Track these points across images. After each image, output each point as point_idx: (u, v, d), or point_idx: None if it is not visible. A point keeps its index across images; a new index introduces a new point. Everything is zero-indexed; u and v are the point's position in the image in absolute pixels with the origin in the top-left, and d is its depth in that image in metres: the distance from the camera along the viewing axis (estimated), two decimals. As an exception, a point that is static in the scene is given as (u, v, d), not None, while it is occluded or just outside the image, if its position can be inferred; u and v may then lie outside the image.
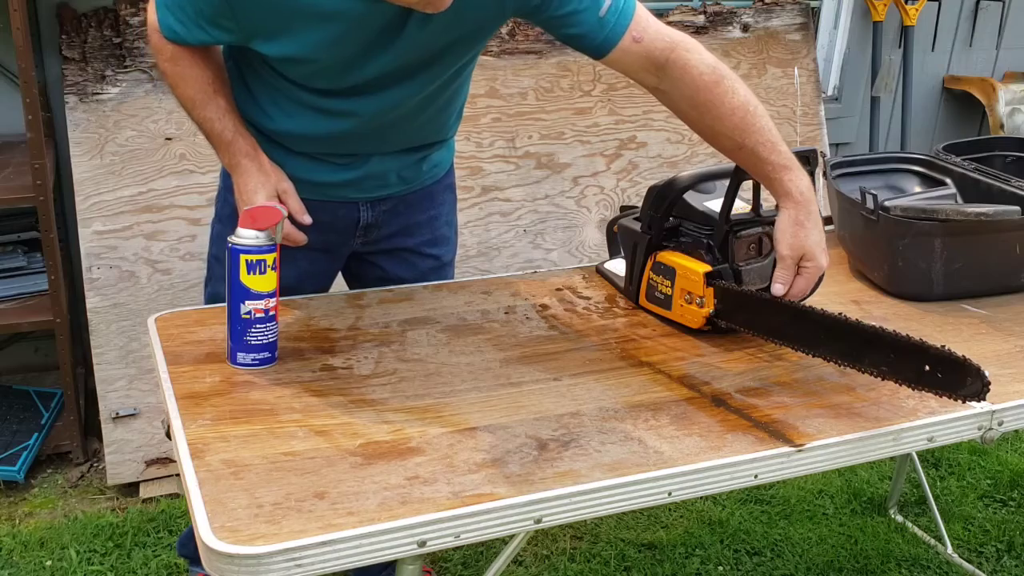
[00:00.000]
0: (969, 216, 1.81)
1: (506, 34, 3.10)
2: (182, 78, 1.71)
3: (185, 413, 1.37)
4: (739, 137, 1.61)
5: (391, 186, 1.90)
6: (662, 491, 1.29)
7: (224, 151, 1.74)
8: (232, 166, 1.75)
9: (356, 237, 1.93)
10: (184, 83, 1.71)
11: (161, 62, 1.72)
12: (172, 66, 1.70)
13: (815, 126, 3.55)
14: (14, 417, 2.83)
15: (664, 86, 1.65)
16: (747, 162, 1.63)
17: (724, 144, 1.64)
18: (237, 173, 1.75)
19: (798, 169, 1.61)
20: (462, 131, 3.04)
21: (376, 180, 1.88)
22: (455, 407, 1.43)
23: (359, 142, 1.81)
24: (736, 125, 1.61)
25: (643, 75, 1.66)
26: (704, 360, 1.61)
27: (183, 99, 1.73)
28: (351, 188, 1.87)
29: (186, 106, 1.74)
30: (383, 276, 1.98)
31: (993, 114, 4.05)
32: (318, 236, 1.80)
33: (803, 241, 1.60)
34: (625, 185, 3.28)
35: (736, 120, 1.61)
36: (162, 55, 1.71)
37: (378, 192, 1.91)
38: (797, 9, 3.53)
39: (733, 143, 1.62)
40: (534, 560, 2.48)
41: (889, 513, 2.75)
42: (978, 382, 1.32)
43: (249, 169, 1.74)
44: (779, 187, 1.61)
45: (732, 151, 1.64)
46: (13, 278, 2.78)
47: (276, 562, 1.10)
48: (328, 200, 1.85)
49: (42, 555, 2.43)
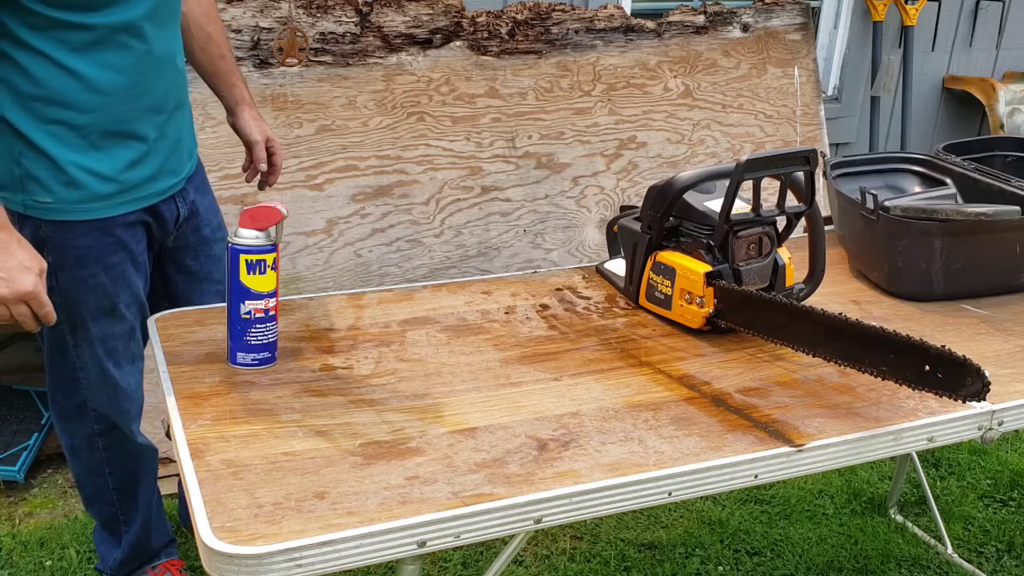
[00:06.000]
0: (969, 216, 1.81)
1: (506, 34, 3.11)
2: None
3: (185, 413, 1.37)
4: (225, 48, 2.03)
5: (189, 158, 1.93)
6: (662, 491, 1.29)
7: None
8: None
9: (168, 237, 1.91)
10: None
11: None
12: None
13: (815, 126, 3.55)
14: (14, 417, 2.83)
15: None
16: (225, 68, 2.02)
17: (212, 52, 2.00)
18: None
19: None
20: (462, 131, 3.05)
21: (178, 153, 1.88)
22: (455, 407, 1.43)
23: (150, 87, 1.74)
24: (225, 37, 2.04)
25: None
26: (704, 360, 1.61)
27: None
28: (167, 173, 1.83)
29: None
30: (192, 277, 1.99)
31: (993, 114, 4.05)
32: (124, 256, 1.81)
33: (267, 129, 2.07)
34: (625, 185, 3.28)
35: (223, 32, 2.04)
36: None
37: (183, 172, 1.91)
38: (797, 9, 3.54)
39: (220, 52, 2.01)
40: (534, 560, 2.48)
41: (889, 513, 2.75)
42: (978, 382, 1.32)
43: (8, 243, 1.59)
44: (241, 93, 2.04)
45: (216, 59, 2.01)
46: (13, 278, 2.78)
47: (276, 562, 1.10)
48: (143, 207, 1.82)
49: (42, 555, 2.43)
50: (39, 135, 1.68)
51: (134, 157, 1.77)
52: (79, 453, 2.06)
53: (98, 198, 1.76)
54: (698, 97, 3.38)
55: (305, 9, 2.83)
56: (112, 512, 2.15)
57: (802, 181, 1.69)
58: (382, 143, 2.96)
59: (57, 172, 1.71)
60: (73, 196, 1.73)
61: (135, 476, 2.11)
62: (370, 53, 2.94)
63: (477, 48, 3.07)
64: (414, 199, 3.00)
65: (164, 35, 1.76)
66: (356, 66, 2.92)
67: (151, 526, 2.19)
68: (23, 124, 1.67)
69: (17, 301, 1.61)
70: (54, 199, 1.72)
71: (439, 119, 3.02)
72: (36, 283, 1.61)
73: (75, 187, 1.73)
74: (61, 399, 2.00)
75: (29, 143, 1.68)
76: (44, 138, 1.68)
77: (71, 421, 2.02)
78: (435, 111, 3.01)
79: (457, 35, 3.04)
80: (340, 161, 2.89)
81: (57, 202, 1.72)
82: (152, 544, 2.21)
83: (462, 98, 3.04)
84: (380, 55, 2.95)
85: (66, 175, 1.71)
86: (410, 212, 3.00)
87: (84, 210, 1.75)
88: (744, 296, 1.61)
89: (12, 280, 1.59)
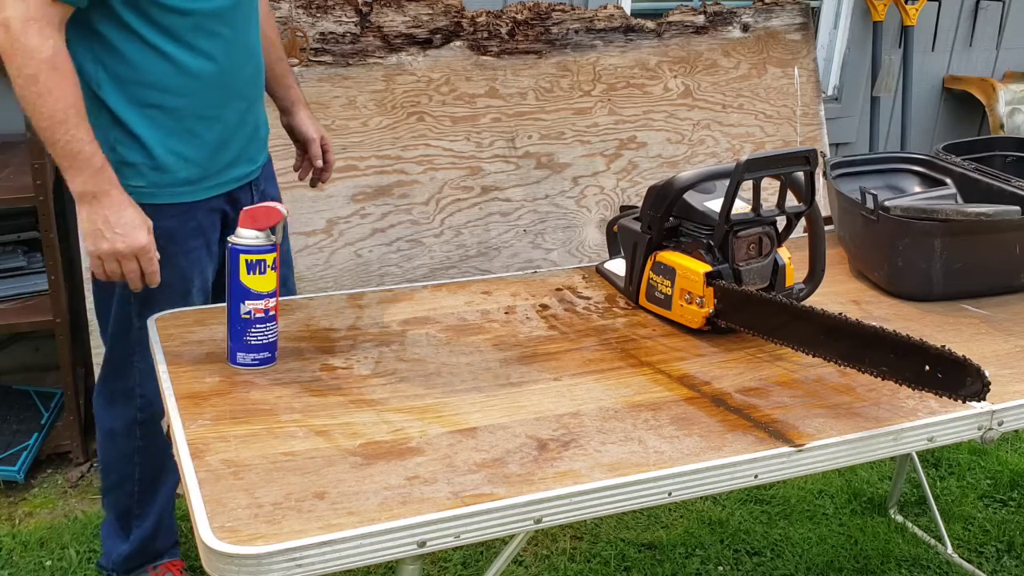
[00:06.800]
0: (969, 216, 1.81)
1: (506, 34, 3.11)
2: (58, 88, 1.59)
3: (185, 413, 1.37)
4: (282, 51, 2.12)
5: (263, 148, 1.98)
6: (662, 491, 1.29)
7: (93, 177, 1.66)
8: (95, 194, 1.67)
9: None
10: (60, 93, 1.59)
11: (32, 67, 1.57)
12: (47, 71, 1.57)
13: (815, 126, 3.55)
14: (14, 417, 2.83)
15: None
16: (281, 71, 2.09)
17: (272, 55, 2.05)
18: (105, 203, 1.67)
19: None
20: (462, 131, 3.05)
21: (255, 142, 1.94)
22: (455, 407, 1.43)
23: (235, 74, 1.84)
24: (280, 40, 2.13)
25: None
26: (704, 360, 1.61)
27: (48, 113, 1.60)
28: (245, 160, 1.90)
29: (50, 120, 1.61)
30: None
31: (993, 114, 4.05)
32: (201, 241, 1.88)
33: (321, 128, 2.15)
34: (625, 185, 3.28)
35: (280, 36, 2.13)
36: (37, 57, 1.57)
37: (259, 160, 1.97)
38: (797, 9, 3.54)
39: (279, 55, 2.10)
40: (534, 560, 2.48)
41: (889, 513, 2.75)
42: (978, 382, 1.32)
43: (122, 200, 1.69)
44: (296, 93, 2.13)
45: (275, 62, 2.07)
46: (13, 278, 2.78)
47: (276, 562, 1.10)
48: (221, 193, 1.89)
49: (42, 555, 2.43)
50: (134, 118, 1.75)
51: (218, 143, 1.86)
52: (116, 439, 2.08)
53: (185, 182, 1.84)
54: (698, 97, 3.38)
55: (305, 9, 2.84)
56: (129, 504, 2.16)
57: (802, 181, 1.69)
58: (382, 143, 2.96)
59: (148, 156, 1.79)
60: (162, 180, 1.81)
61: (160, 471, 2.12)
62: (370, 53, 2.94)
63: (477, 48, 3.07)
64: (414, 199, 3.00)
65: (248, 26, 1.87)
66: (356, 66, 2.92)
67: (162, 525, 2.19)
68: (120, 107, 1.74)
69: (131, 256, 1.71)
70: (146, 183, 1.79)
71: (439, 119, 3.02)
72: (149, 239, 1.72)
73: (164, 171, 1.81)
74: (112, 381, 2.02)
75: (125, 128, 1.76)
76: (138, 121, 1.75)
77: (116, 405, 2.04)
78: (435, 111, 3.01)
79: (457, 35, 3.04)
80: (340, 161, 2.89)
81: (148, 186, 1.79)
82: (158, 544, 2.22)
83: (462, 98, 3.04)
84: (380, 55, 2.95)
85: (157, 159, 1.79)
86: (410, 212, 3.00)
87: (171, 194, 1.83)
88: (744, 296, 1.61)
89: (127, 235, 1.69)
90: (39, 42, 1.57)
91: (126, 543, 2.20)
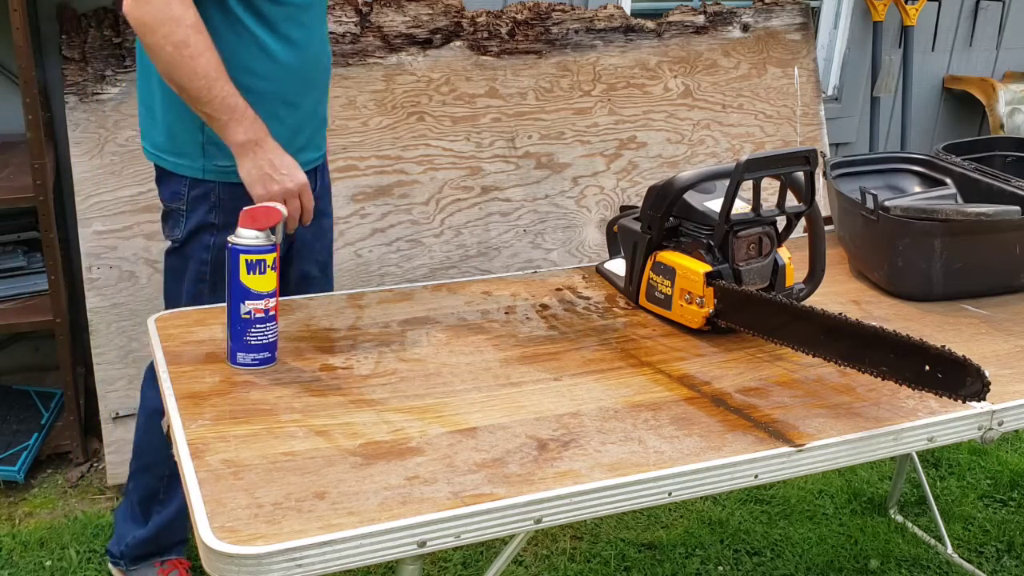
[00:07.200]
0: (969, 216, 1.81)
1: (506, 34, 3.11)
2: (208, 49, 1.70)
3: (185, 413, 1.37)
4: None
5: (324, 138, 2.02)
6: (662, 491, 1.29)
7: (252, 126, 1.76)
8: (256, 142, 1.76)
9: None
10: (210, 53, 1.70)
11: (181, 33, 1.68)
12: (195, 34, 1.69)
13: (815, 126, 3.55)
14: (14, 417, 2.83)
15: None
16: None
17: None
18: (267, 148, 1.77)
19: None
20: (462, 131, 3.05)
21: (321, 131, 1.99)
22: (455, 407, 1.43)
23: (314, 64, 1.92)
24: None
25: None
26: (704, 360, 1.61)
27: (203, 72, 1.70)
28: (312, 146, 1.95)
29: (206, 79, 1.71)
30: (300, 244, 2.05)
31: (993, 114, 4.05)
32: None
33: None
34: (625, 185, 3.28)
35: None
36: (183, 23, 1.68)
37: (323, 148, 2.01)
38: (797, 9, 3.54)
39: None
40: (534, 560, 2.48)
41: (889, 513, 2.75)
42: (978, 382, 1.32)
43: (277, 145, 1.79)
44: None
45: None
46: (13, 278, 2.78)
47: (276, 562, 1.10)
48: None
49: (42, 555, 2.43)
50: None
51: (295, 127, 1.93)
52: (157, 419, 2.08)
53: None
54: (698, 97, 3.38)
55: (305, 9, 2.83)
56: (156, 488, 2.16)
57: (802, 181, 1.69)
58: (382, 143, 2.96)
59: None
60: None
61: None
62: (370, 53, 2.94)
63: (477, 48, 3.07)
64: (414, 199, 3.00)
65: (323, 21, 1.98)
66: (356, 66, 2.92)
67: (180, 516, 2.20)
68: None
69: (295, 194, 1.80)
70: (231, 162, 1.82)
71: (439, 119, 3.02)
72: (307, 177, 1.83)
73: None
74: None
75: None
76: None
77: None
78: (435, 111, 3.01)
79: (457, 35, 3.04)
80: (340, 161, 2.89)
81: (234, 165, 1.82)
82: (173, 535, 2.23)
83: (462, 98, 3.04)
84: (380, 55, 2.95)
85: None
86: (410, 212, 2.99)
87: None
88: (744, 296, 1.61)
89: (292, 175, 1.79)
90: (182, 11, 1.68)
91: (143, 528, 2.21)
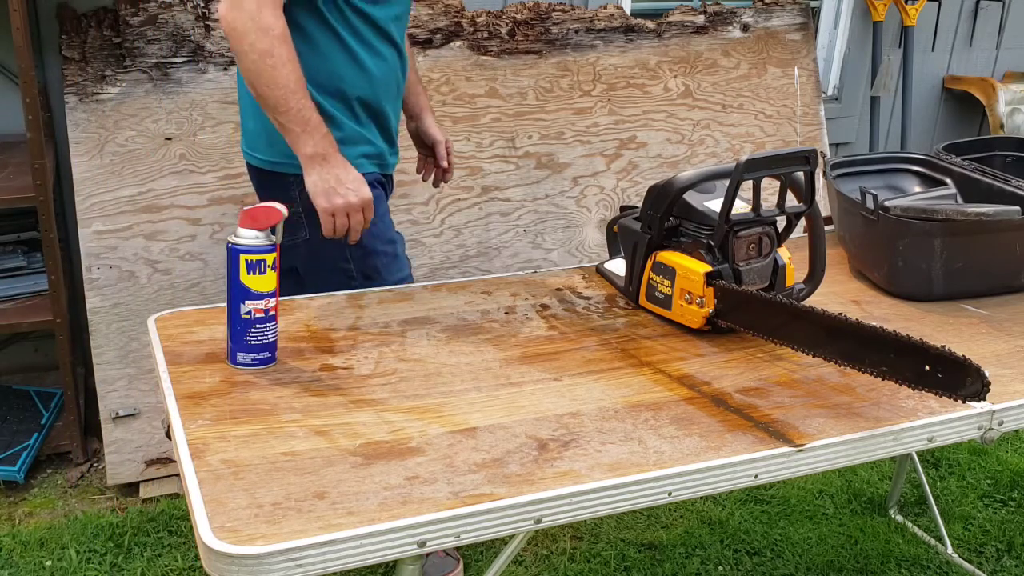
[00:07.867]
0: (969, 216, 1.81)
1: (506, 34, 3.11)
2: (291, 60, 1.74)
3: (185, 413, 1.37)
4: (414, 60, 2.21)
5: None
6: (662, 491, 1.29)
7: (322, 140, 1.80)
8: (325, 155, 1.80)
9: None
10: (293, 65, 1.74)
11: (267, 42, 1.72)
12: (280, 45, 1.72)
13: (815, 126, 3.55)
14: (14, 417, 2.83)
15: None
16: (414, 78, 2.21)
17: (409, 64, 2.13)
18: (333, 163, 1.81)
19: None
20: (462, 131, 3.05)
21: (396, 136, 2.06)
22: (455, 407, 1.43)
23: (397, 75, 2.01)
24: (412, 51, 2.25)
25: None
26: (704, 360, 1.61)
27: (284, 82, 1.74)
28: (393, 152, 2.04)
29: (285, 89, 1.74)
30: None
31: (993, 114, 4.05)
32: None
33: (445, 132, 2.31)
34: (625, 185, 3.28)
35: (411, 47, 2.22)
36: (271, 33, 1.72)
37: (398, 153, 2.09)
38: (797, 9, 3.54)
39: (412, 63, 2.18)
40: (534, 560, 2.48)
41: (889, 513, 2.75)
42: (978, 382, 1.32)
43: (345, 160, 1.83)
44: (424, 100, 2.29)
45: (410, 70, 2.15)
46: (13, 278, 2.78)
47: (276, 562, 1.10)
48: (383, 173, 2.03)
49: (42, 555, 2.43)
50: (323, 99, 1.89)
51: (381, 131, 2.02)
52: None
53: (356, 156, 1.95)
54: (698, 97, 3.38)
55: (305, 9, 2.83)
56: None
57: (802, 181, 1.69)
58: (382, 143, 2.96)
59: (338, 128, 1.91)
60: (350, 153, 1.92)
61: None
62: (370, 53, 2.94)
63: (477, 48, 3.07)
64: (414, 199, 3.00)
65: (404, 34, 2.05)
66: (356, 66, 2.92)
67: None
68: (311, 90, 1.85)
69: (359, 208, 1.83)
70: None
71: (439, 119, 3.01)
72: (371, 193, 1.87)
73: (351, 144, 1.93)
74: None
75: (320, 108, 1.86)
76: (327, 101, 1.90)
77: None
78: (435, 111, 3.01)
79: (457, 35, 3.04)
80: (340, 161, 2.89)
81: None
82: None
83: (462, 98, 3.04)
84: (380, 55, 2.95)
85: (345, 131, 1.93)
86: (410, 212, 2.99)
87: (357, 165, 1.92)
88: (744, 296, 1.61)
89: (358, 189, 1.83)
90: (273, 20, 1.73)
91: None
